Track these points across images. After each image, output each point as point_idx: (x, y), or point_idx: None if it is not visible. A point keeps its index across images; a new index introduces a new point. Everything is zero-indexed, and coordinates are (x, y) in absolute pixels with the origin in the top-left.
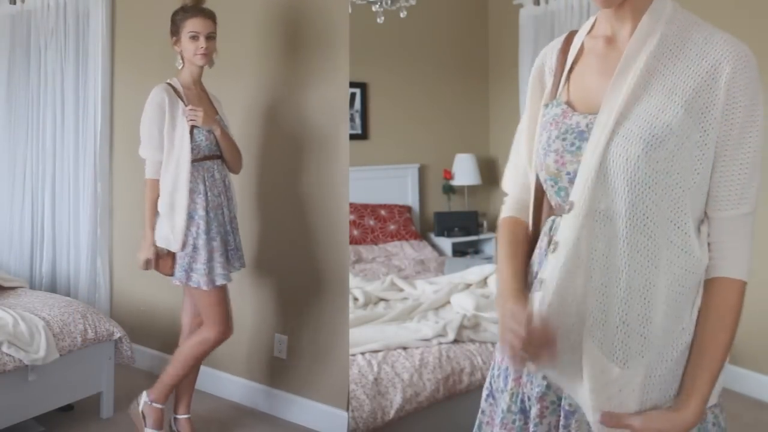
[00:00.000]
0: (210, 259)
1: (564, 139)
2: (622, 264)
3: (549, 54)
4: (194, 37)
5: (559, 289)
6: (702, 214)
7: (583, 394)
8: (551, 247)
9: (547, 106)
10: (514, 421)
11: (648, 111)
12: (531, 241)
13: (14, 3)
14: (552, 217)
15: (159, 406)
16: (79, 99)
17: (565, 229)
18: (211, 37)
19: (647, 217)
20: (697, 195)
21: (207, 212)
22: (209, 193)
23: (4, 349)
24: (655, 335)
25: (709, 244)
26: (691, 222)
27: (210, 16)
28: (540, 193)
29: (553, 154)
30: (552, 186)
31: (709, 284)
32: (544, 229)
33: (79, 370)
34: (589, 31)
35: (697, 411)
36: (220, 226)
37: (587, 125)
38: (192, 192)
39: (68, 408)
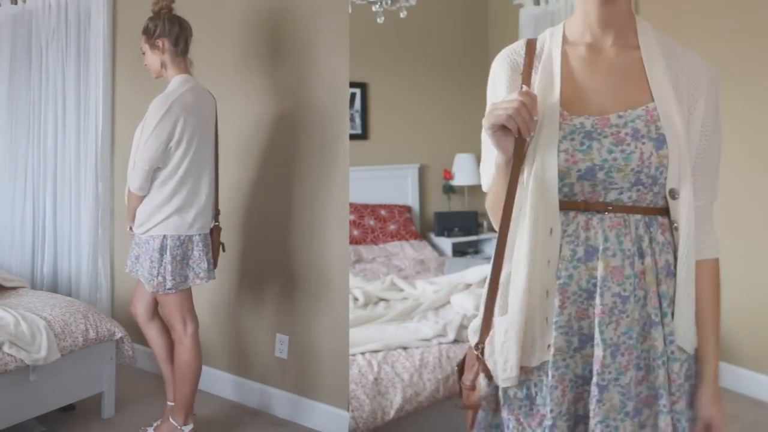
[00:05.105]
0: None
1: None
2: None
3: (515, 57)
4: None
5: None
6: None
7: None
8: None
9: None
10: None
11: (676, 106)
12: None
13: (15, 3)
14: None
15: (191, 426)
16: (81, 99)
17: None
18: (144, 53)
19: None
20: None
21: None
22: None
23: (6, 349)
24: None
25: (677, 228)
26: None
27: (143, 32)
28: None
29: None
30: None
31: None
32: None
33: (80, 370)
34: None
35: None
36: None
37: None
38: None
39: (69, 408)
